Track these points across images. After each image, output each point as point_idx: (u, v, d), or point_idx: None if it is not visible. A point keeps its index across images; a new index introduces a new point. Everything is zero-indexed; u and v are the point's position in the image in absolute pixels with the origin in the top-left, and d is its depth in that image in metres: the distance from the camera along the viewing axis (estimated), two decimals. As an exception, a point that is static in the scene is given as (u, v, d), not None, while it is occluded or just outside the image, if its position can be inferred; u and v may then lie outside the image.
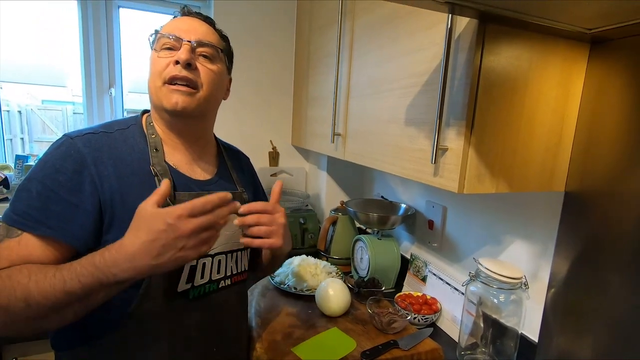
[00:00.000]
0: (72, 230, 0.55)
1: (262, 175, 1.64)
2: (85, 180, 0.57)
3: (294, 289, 1.04)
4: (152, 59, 0.66)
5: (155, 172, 0.62)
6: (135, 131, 0.66)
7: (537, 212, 0.80)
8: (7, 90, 1.54)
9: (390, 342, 0.83)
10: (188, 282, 0.64)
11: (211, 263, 0.67)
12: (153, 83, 0.65)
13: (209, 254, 0.67)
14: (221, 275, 0.70)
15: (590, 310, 0.68)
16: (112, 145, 0.62)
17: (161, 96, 0.64)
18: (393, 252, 1.16)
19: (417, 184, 1.21)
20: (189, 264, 0.62)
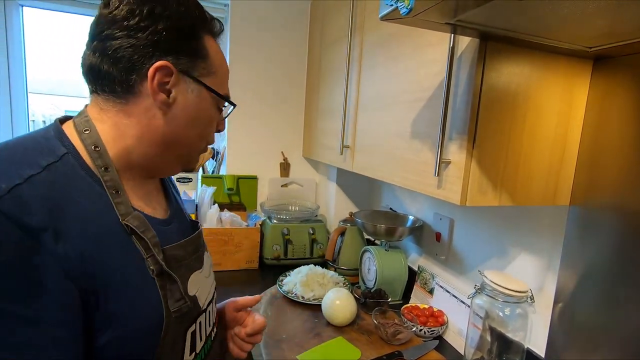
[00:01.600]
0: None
1: (273, 186, 1.68)
2: (41, 269, 0.37)
3: (301, 298, 1.06)
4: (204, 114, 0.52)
5: (131, 227, 0.44)
6: (75, 165, 0.43)
7: (543, 226, 0.80)
8: (32, 101, 1.62)
9: (395, 353, 0.83)
10: (192, 353, 0.53)
11: (205, 318, 0.56)
12: (192, 138, 0.52)
13: (203, 309, 0.55)
14: (211, 327, 0.59)
15: (598, 326, 0.68)
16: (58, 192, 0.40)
17: (193, 160, 0.55)
18: (400, 264, 1.17)
19: (424, 196, 1.22)
20: (190, 330, 0.52)
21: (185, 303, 0.49)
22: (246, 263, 1.39)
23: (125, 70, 0.45)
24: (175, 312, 0.47)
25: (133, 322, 0.43)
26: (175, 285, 0.48)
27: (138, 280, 0.44)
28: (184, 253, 0.51)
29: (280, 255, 1.40)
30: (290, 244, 1.41)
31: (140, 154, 0.49)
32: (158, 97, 0.47)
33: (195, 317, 0.52)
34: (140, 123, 0.48)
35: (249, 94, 1.60)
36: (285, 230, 1.40)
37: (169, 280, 0.47)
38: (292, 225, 1.42)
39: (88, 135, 0.46)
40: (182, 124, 0.50)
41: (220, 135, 1.69)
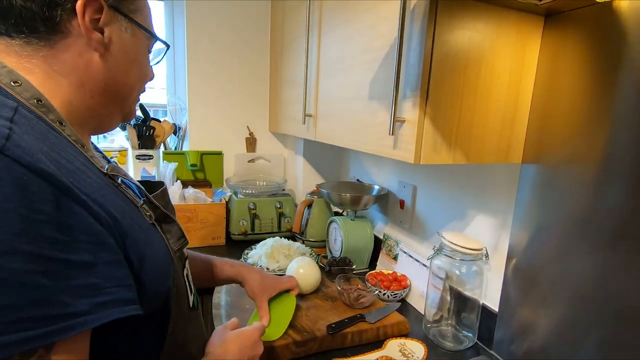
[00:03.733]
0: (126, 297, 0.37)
1: (239, 162, 1.64)
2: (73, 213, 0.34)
3: (266, 270, 1.05)
4: (141, 55, 0.49)
5: (113, 177, 0.43)
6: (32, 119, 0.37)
7: (498, 185, 0.82)
8: None
9: (357, 316, 0.84)
10: (191, 293, 0.56)
11: (187, 263, 0.59)
12: (133, 83, 0.49)
13: (186, 256, 0.58)
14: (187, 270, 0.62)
15: (548, 281, 0.70)
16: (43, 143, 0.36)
17: (132, 104, 0.52)
18: (366, 233, 1.18)
19: (390, 166, 1.22)
20: (185, 272, 0.54)
21: (186, 240, 0.53)
22: (212, 239, 1.36)
23: (46, 4, 0.39)
24: (177, 251, 0.51)
25: (153, 261, 0.44)
26: (173, 225, 0.52)
27: (145, 226, 0.45)
28: (164, 202, 0.53)
29: (247, 230, 1.38)
30: (257, 219, 1.39)
31: (83, 107, 0.44)
32: (93, 36, 0.42)
33: (185, 260, 0.57)
34: (76, 70, 0.42)
35: (209, 66, 1.53)
36: (251, 204, 1.38)
37: (165, 223, 0.50)
38: (258, 200, 1.40)
39: (23, 89, 0.39)
40: (122, 68, 0.46)
41: (181, 110, 1.62)
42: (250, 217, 1.38)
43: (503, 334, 0.80)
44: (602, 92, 0.60)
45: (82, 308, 0.32)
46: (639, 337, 0.56)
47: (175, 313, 0.48)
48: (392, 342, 0.81)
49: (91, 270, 0.34)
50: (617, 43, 0.58)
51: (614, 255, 0.59)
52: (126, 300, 0.37)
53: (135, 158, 1.47)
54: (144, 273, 0.41)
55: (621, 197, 0.58)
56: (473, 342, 0.84)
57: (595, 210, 0.62)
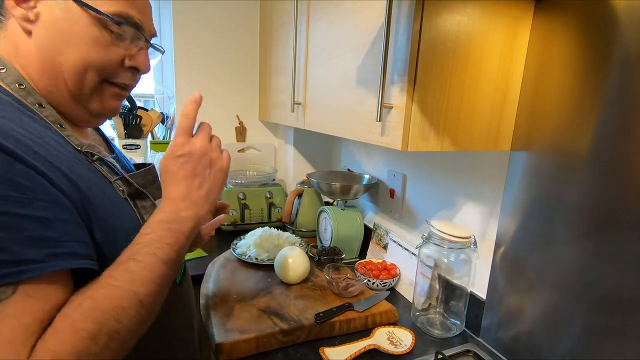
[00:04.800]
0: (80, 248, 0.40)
1: (230, 152, 1.61)
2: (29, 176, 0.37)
3: (255, 260, 1.04)
4: (82, 35, 0.44)
5: (92, 152, 0.47)
6: (9, 102, 0.41)
7: (486, 173, 0.81)
8: None
9: (346, 305, 0.84)
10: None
11: None
12: (76, 67, 0.45)
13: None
14: None
15: (534, 268, 0.70)
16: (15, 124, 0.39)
17: (94, 95, 0.48)
18: (356, 222, 1.17)
19: (380, 155, 1.21)
20: None
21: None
22: (202, 230, 1.34)
23: None
24: None
25: (123, 232, 0.45)
26: (148, 202, 0.53)
27: (116, 200, 0.48)
28: (144, 181, 0.54)
29: (237, 220, 1.36)
30: (247, 209, 1.38)
31: (45, 90, 0.46)
32: (16, 12, 0.42)
33: None
34: (18, 50, 0.44)
35: (197, 53, 1.50)
36: (241, 194, 1.36)
37: (139, 200, 0.52)
38: (248, 190, 1.39)
39: (7, 74, 0.43)
40: (56, 48, 0.44)
41: (169, 99, 1.58)
42: (240, 207, 1.36)
43: (490, 321, 0.80)
44: (592, 79, 0.59)
45: (34, 257, 0.35)
46: (622, 322, 0.56)
47: None
48: (380, 331, 0.81)
49: (47, 225, 0.37)
50: (607, 29, 0.57)
51: (598, 243, 0.59)
52: (81, 254, 0.39)
53: (122, 147, 1.44)
54: (114, 242, 0.44)
55: (608, 185, 0.57)
56: (461, 329, 0.84)
57: (582, 198, 0.61)
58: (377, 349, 0.75)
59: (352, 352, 0.73)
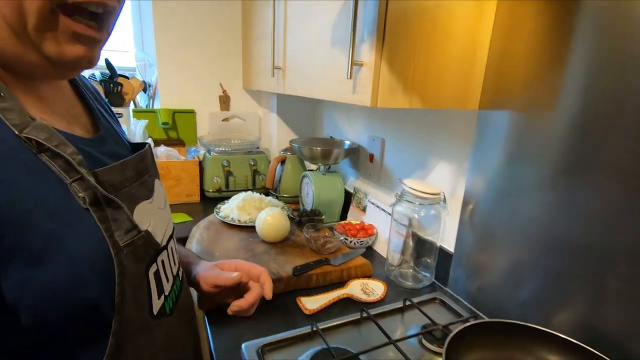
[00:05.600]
0: None
1: (213, 120, 1.62)
2: None
3: (237, 222, 1.07)
4: None
5: (37, 141, 0.33)
6: None
7: (456, 133, 0.84)
8: None
9: (323, 260, 0.88)
10: (160, 296, 0.45)
11: (167, 256, 0.48)
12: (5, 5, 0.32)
13: (163, 245, 0.47)
14: (176, 266, 0.52)
15: (499, 222, 0.75)
16: None
17: (47, 33, 0.34)
18: (337, 187, 1.21)
19: (361, 122, 1.23)
20: (152, 270, 0.43)
21: (139, 234, 0.40)
22: (186, 197, 1.37)
23: None
24: (128, 247, 0.38)
25: (68, 261, 0.33)
26: (121, 213, 0.38)
27: (64, 212, 0.34)
28: (121, 178, 0.40)
29: (222, 187, 1.39)
30: (231, 176, 1.40)
31: None
32: None
33: (154, 256, 0.44)
34: None
35: (178, 20, 1.47)
36: (225, 162, 1.38)
37: (110, 209, 0.37)
38: (232, 157, 1.40)
39: None
40: None
41: (150, 67, 1.56)
42: (224, 174, 1.39)
43: (458, 273, 0.86)
44: (560, 38, 0.61)
45: None
46: (582, 268, 0.61)
47: (121, 325, 0.37)
48: (354, 282, 0.86)
49: None
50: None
51: (559, 194, 0.63)
52: None
53: (103, 116, 1.43)
54: (46, 270, 0.32)
55: (572, 140, 0.60)
56: (430, 281, 0.90)
57: (544, 155, 0.65)
58: (350, 298, 0.80)
59: (326, 300, 0.78)
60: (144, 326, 0.41)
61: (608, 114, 0.55)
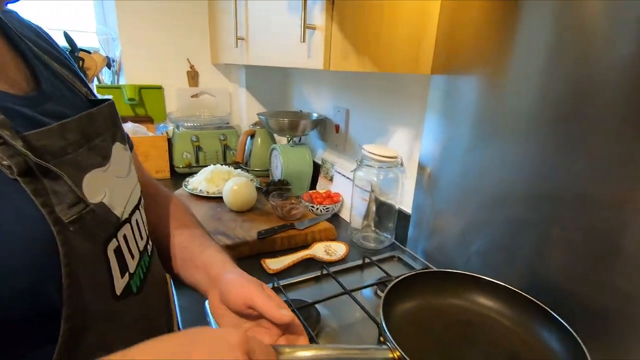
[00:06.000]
0: None
1: (182, 97, 1.60)
2: None
3: (205, 193, 1.09)
4: None
5: None
6: None
7: (412, 98, 0.88)
8: None
9: (287, 224, 0.92)
10: (123, 274, 0.40)
11: (131, 230, 0.43)
12: None
13: (124, 219, 0.41)
14: (143, 240, 0.46)
15: (451, 183, 0.79)
16: None
17: None
18: (305, 159, 1.23)
19: (327, 94, 1.25)
20: (111, 247, 0.38)
21: (86, 208, 0.34)
22: (156, 172, 1.36)
23: None
24: (74, 223, 0.33)
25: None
26: (62, 184, 0.32)
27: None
28: (63, 143, 0.34)
29: (192, 162, 1.39)
30: (200, 151, 1.40)
31: None
32: None
33: (113, 231, 0.39)
34: None
35: (139, -11, 1.42)
36: (194, 137, 1.38)
37: (48, 179, 0.31)
38: (201, 132, 1.40)
39: None
40: None
41: (113, 41, 1.52)
42: (193, 150, 1.39)
43: (415, 233, 0.91)
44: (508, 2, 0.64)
45: None
46: (524, 219, 0.66)
47: (75, 312, 0.33)
48: (318, 244, 0.90)
49: None
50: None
51: (508, 150, 0.67)
52: None
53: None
54: None
55: (522, 100, 0.62)
56: (391, 242, 0.95)
57: (491, 114, 0.68)
58: (313, 258, 0.84)
59: (290, 260, 0.82)
60: (104, 309, 0.37)
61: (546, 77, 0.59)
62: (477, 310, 0.61)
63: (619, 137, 0.50)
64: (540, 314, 0.55)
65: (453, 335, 0.57)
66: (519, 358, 0.53)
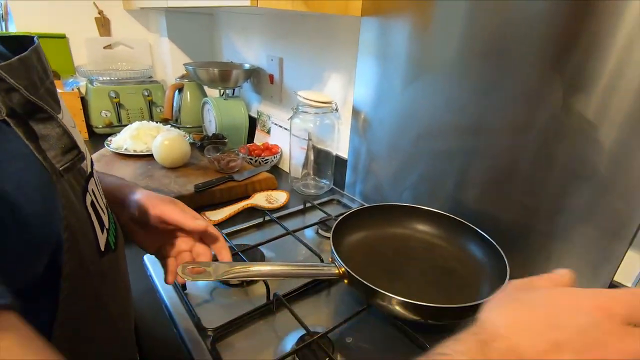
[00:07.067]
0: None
1: (92, 48, 1.41)
2: None
3: (132, 151, 1.01)
4: None
5: None
6: None
7: (344, 44, 0.87)
8: None
9: (226, 177, 0.90)
10: (102, 230, 0.38)
11: (95, 185, 0.39)
12: None
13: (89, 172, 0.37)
14: (102, 196, 0.43)
15: (381, 124, 0.83)
16: None
17: None
18: (240, 112, 1.19)
19: (258, 42, 1.19)
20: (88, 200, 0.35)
21: (79, 154, 0.31)
22: (71, 134, 1.22)
23: None
24: (67, 171, 0.29)
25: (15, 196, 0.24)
26: (53, 126, 0.29)
27: None
28: (27, 82, 0.28)
29: (113, 122, 1.27)
30: (122, 109, 1.28)
31: None
32: None
33: (85, 184, 0.35)
34: None
35: None
36: (112, 93, 1.24)
37: (34, 121, 0.28)
38: (121, 88, 1.27)
39: None
40: None
41: (-6, -22, 1.26)
42: (113, 107, 1.26)
43: (353, 177, 0.95)
44: None
45: None
46: (449, 152, 0.72)
47: (72, 267, 0.30)
48: (259, 194, 0.90)
49: None
50: None
51: (436, 89, 0.70)
52: None
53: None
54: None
55: (448, 40, 0.65)
56: (330, 187, 0.98)
57: (424, 56, 0.71)
58: (254, 207, 0.84)
59: (230, 211, 0.81)
60: (95, 266, 0.35)
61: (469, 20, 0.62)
62: (415, 236, 0.68)
63: (528, 75, 0.56)
64: (469, 232, 0.63)
65: (395, 256, 0.63)
66: (452, 269, 0.60)
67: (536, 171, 0.58)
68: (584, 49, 0.50)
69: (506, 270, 0.52)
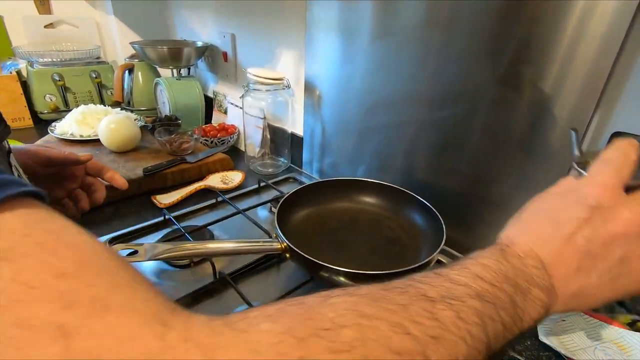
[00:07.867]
0: None
1: (32, 27, 1.31)
2: None
3: (79, 137, 0.96)
4: None
5: None
6: None
7: (294, 21, 0.85)
8: None
9: (177, 158, 0.87)
10: None
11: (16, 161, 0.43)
12: None
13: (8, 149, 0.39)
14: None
15: (337, 101, 0.82)
16: None
17: None
18: (194, 92, 1.15)
19: (210, 18, 1.14)
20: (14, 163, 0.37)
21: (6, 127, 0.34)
22: (13, 121, 1.15)
23: None
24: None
25: None
26: None
27: None
28: None
29: (60, 106, 1.20)
30: (69, 92, 1.20)
31: None
32: None
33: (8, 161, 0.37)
34: None
35: None
36: (56, 75, 1.17)
37: None
38: (65, 70, 1.19)
39: None
40: None
41: None
42: (58, 91, 1.18)
43: (310, 154, 0.94)
44: None
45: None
46: (400, 124, 0.73)
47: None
48: (214, 175, 0.88)
49: None
50: None
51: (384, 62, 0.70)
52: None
53: None
54: None
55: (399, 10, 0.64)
56: (287, 166, 0.98)
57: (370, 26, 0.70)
58: (208, 189, 0.83)
59: (182, 193, 0.79)
60: None
61: None
62: (363, 209, 0.69)
63: (475, 45, 0.56)
64: (413, 202, 0.64)
65: (341, 229, 0.64)
66: (396, 238, 0.62)
67: (477, 141, 0.60)
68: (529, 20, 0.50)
69: (443, 233, 0.54)
